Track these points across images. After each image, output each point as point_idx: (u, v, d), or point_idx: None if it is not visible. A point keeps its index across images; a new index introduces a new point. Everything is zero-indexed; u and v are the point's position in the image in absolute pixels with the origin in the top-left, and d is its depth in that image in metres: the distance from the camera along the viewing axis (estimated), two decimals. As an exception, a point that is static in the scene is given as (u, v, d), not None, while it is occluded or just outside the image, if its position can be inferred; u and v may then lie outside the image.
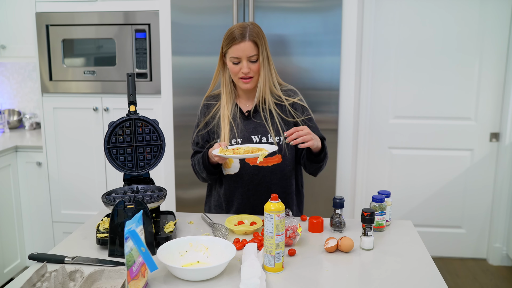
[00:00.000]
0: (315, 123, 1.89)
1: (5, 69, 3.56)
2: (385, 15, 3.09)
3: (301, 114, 1.85)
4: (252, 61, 1.75)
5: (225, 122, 1.81)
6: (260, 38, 1.75)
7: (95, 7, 2.78)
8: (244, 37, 1.71)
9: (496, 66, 3.10)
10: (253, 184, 1.84)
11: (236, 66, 1.75)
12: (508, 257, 3.23)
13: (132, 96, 1.63)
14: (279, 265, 1.34)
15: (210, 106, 1.89)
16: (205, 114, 1.89)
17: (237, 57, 1.73)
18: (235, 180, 1.85)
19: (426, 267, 1.40)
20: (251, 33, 1.72)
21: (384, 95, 3.18)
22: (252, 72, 1.76)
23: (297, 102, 1.85)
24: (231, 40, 1.73)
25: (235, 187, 1.86)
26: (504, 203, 3.18)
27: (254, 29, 1.74)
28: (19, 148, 3.01)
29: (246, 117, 1.84)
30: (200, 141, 1.90)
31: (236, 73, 1.77)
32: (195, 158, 1.88)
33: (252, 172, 1.83)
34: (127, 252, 1.12)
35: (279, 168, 1.84)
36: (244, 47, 1.72)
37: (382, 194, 1.67)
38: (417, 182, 3.27)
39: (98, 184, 2.98)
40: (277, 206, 1.31)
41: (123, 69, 2.82)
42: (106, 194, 1.58)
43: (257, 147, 1.69)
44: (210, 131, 1.88)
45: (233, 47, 1.72)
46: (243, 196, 1.86)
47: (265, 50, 1.76)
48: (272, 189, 1.84)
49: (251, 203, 1.86)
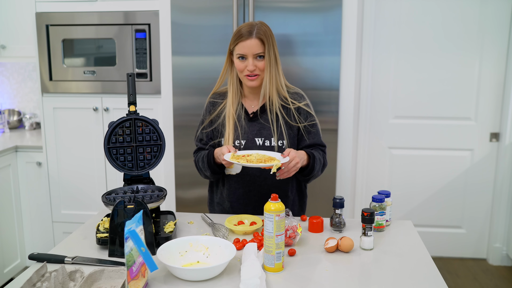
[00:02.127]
0: (319, 129, 1.89)
1: (5, 69, 3.56)
2: (385, 15, 3.09)
3: (304, 120, 1.85)
4: (259, 58, 1.75)
5: (230, 122, 1.81)
6: (268, 36, 1.75)
7: (95, 7, 2.78)
8: (251, 34, 1.73)
9: (496, 66, 3.10)
10: (254, 185, 1.84)
11: (242, 63, 1.76)
12: (508, 257, 3.23)
13: (132, 96, 1.63)
14: (279, 265, 1.34)
15: (216, 104, 1.89)
16: (211, 112, 1.89)
17: (243, 54, 1.74)
18: (236, 181, 1.86)
19: (426, 267, 1.40)
20: (258, 31, 1.73)
21: (384, 95, 3.18)
22: (258, 70, 1.76)
23: (302, 107, 1.85)
24: (238, 37, 1.74)
25: (237, 188, 1.86)
26: (504, 203, 3.18)
27: (262, 27, 1.76)
28: (19, 148, 3.01)
29: (251, 118, 1.84)
30: (204, 138, 1.90)
31: (242, 70, 1.77)
32: (199, 154, 1.88)
33: (253, 173, 1.83)
34: (127, 252, 1.12)
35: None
36: (251, 44, 1.72)
37: (382, 194, 1.67)
38: (417, 182, 3.27)
39: (98, 184, 2.98)
40: (277, 206, 1.31)
41: (123, 69, 2.82)
42: (106, 194, 1.58)
43: (268, 156, 1.69)
44: (214, 129, 1.88)
45: (240, 44, 1.74)
46: (244, 197, 1.86)
47: (273, 49, 1.76)
48: (273, 191, 1.84)
49: (252, 204, 1.86)
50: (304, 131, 1.85)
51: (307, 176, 1.82)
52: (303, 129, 1.85)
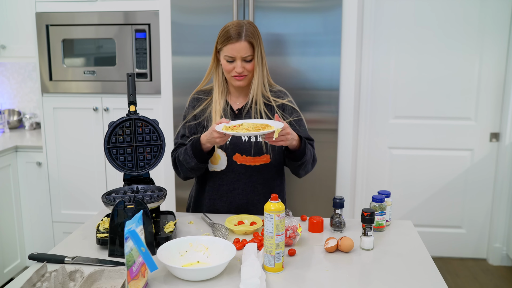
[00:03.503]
0: (305, 124, 1.88)
1: (5, 69, 3.56)
2: (385, 15, 3.09)
3: (289, 116, 1.84)
4: (247, 60, 1.74)
5: (216, 117, 1.79)
6: (256, 38, 1.73)
7: (95, 7, 2.78)
8: (240, 37, 1.70)
9: (496, 66, 3.10)
10: (239, 182, 1.82)
11: (230, 65, 1.74)
12: (508, 257, 3.23)
13: (132, 96, 1.63)
14: (279, 265, 1.34)
15: (200, 100, 1.87)
16: (195, 107, 1.86)
17: (232, 56, 1.72)
18: (220, 178, 1.83)
19: (426, 267, 1.40)
20: (247, 33, 1.71)
21: (384, 95, 3.18)
22: (246, 71, 1.75)
23: (286, 103, 1.85)
24: (226, 38, 1.71)
25: (220, 185, 1.84)
26: (504, 203, 3.18)
27: (250, 28, 1.73)
28: (19, 148, 3.01)
29: (236, 114, 1.83)
30: (187, 133, 1.85)
31: (229, 71, 1.76)
32: (179, 150, 1.82)
33: (239, 170, 1.81)
34: (127, 252, 1.12)
35: (267, 168, 1.83)
36: (240, 47, 1.70)
37: (382, 194, 1.67)
38: (417, 182, 3.27)
39: (98, 184, 2.97)
40: (277, 206, 1.31)
41: (123, 69, 2.82)
42: (106, 194, 1.58)
43: (261, 123, 1.63)
44: (198, 124, 1.85)
45: (228, 45, 1.71)
46: (228, 195, 1.84)
47: (260, 50, 1.75)
48: (258, 188, 1.83)
49: (236, 202, 1.84)
50: (291, 126, 1.82)
51: (298, 161, 1.75)
52: (290, 124, 1.83)
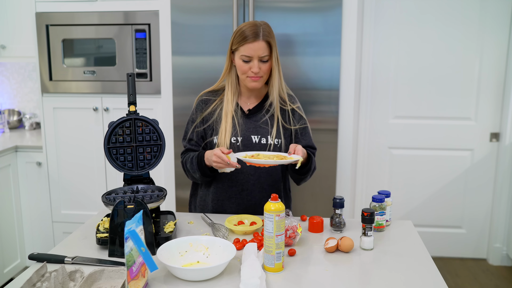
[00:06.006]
0: (310, 132, 1.90)
1: (5, 69, 3.56)
2: (385, 15, 3.09)
3: (297, 122, 1.86)
4: (263, 61, 1.74)
5: (227, 117, 1.79)
6: (273, 38, 1.74)
7: (95, 7, 2.78)
8: (258, 37, 1.70)
9: (496, 66, 3.10)
10: (248, 184, 1.83)
11: (246, 65, 1.74)
12: (508, 257, 3.23)
13: (132, 96, 1.63)
14: (279, 265, 1.34)
15: (208, 102, 1.87)
16: (203, 110, 1.86)
17: (249, 55, 1.72)
18: (230, 179, 1.84)
19: (426, 267, 1.40)
20: (265, 33, 1.71)
21: (384, 95, 3.18)
22: (262, 72, 1.75)
23: (296, 109, 1.86)
24: (243, 38, 1.71)
25: (229, 186, 1.84)
26: (504, 203, 3.18)
27: (267, 28, 1.74)
28: (19, 148, 3.01)
29: (247, 115, 1.84)
30: (195, 138, 1.87)
31: (245, 72, 1.75)
32: (187, 155, 1.85)
33: (248, 171, 1.82)
34: (127, 252, 1.12)
35: (275, 170, 1.85)
36: (258, 47, 1.71)
37: (382, 194, 1.67)
38: (417, 182, 3.27)
39: (98, 184, 2.97)
40: (277, 206, 1.31)
41: (123, 69, 2.82)
42: (106, 194, 1.58)
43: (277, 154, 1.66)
44: (207, 128, 1.85)
45: (246, 45, 1.71)
46: (237, 196, 1.84)
47: (276, 51, 1.76)
48: (266, 190, 1.84)
49: (245, 204, 1.85)
50: (297, 133, 1.86)
51: (303, 175, 1.81)
52: (297, 131, 1.85)
